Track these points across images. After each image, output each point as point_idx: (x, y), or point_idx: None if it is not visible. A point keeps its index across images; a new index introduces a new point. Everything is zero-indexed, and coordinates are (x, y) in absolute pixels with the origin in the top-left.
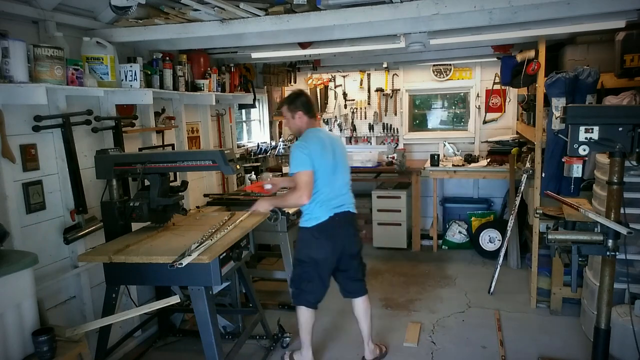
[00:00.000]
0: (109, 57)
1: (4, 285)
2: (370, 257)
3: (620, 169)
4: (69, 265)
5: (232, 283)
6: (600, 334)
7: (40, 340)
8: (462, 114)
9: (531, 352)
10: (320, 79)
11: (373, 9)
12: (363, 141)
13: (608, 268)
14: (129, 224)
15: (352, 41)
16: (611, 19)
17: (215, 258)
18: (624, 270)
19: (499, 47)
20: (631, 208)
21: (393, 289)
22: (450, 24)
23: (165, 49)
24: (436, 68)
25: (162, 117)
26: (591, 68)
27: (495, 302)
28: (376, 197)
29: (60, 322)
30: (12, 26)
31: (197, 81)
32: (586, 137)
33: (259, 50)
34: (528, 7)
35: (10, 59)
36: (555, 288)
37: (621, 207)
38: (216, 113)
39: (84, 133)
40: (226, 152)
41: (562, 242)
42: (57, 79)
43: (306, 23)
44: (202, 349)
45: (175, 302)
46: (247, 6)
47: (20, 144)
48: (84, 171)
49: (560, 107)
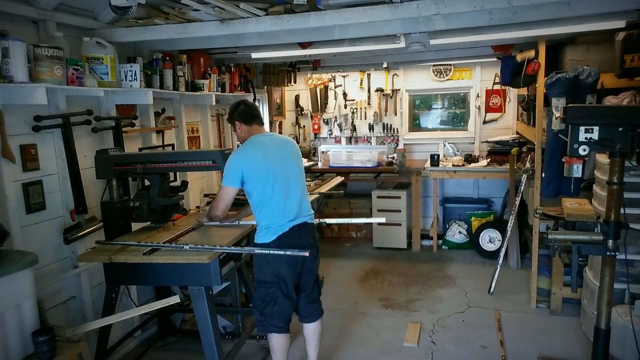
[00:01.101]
0: (109, 57)
1: (4, 285)
2: (370, 257)
3: (620, 169)
4: (69, 265)
5: (232, 283)
6: (601, 334)
7: (40, 340)
8: (462, 114)
9: (531, 352)
10: (320, 79)
11: (373, 9)
12: (363, 141)
13: (608, 268)
14: (129, 224)
15: (352, 41)
16: (611, 19)
17: (215, 258)
18: (624, 271)
19: (499, 47)
20: (631, 208)
21: (393, 289)
22: (450, 24)
23: (165, 49)
24: (436, 68)
25: (162, 117)
26: (591, 68)
27: (496, 302)
28: (376, 197)
29: (60, 322)
30: (12, 26)
31: (197, 81)
32: (586, 137)
33: (259, 50)
34: (528, 7)
35: (10, 59)
36: (555, 288)
37: (621, 207)
38: (216, 113)
39: (84, 133)
40: (226, 152)
41: (562, 242)
42: (57, 79)
43: (306, 23)
44: (202, 349)
45: (175, 302)
46: (247, 6)
47: (20, 144)
48: (84, 171)
49: (560, 107)
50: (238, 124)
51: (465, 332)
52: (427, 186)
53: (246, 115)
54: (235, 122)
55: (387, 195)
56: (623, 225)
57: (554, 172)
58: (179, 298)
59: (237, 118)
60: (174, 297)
